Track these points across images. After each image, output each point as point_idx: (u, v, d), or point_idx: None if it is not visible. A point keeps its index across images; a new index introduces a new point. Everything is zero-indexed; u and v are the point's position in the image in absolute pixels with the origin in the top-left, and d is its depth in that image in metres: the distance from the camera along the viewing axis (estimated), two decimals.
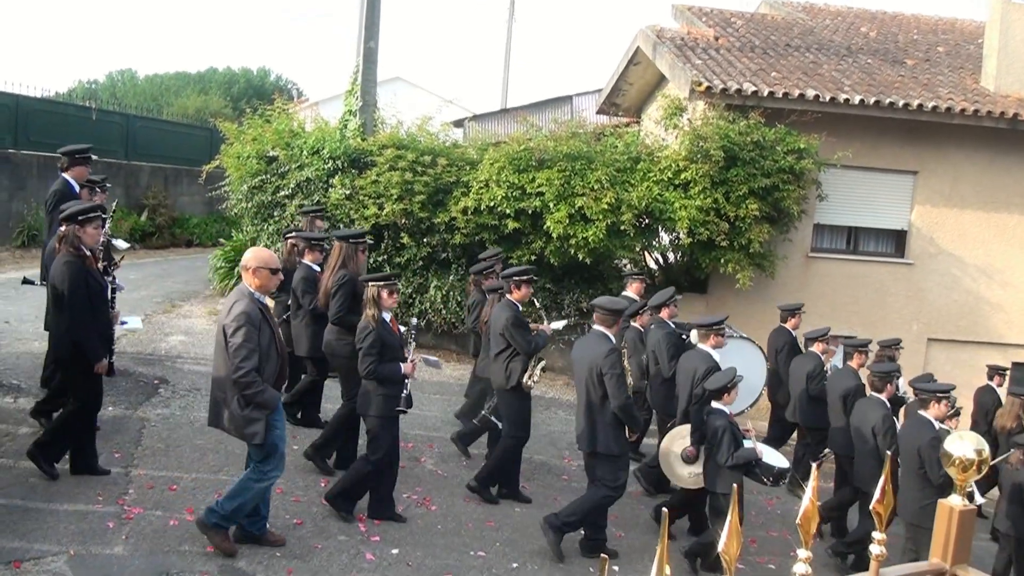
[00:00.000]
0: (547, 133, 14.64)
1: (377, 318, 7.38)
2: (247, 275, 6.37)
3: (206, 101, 42.73)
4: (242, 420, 6.20)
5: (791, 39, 17.70)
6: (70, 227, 7.07)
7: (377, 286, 7.44)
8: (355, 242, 8.86)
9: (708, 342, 8.84)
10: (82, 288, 6.98)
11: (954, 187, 15.44)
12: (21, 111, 19.19)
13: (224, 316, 6.26)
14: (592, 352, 7.70)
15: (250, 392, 6.13)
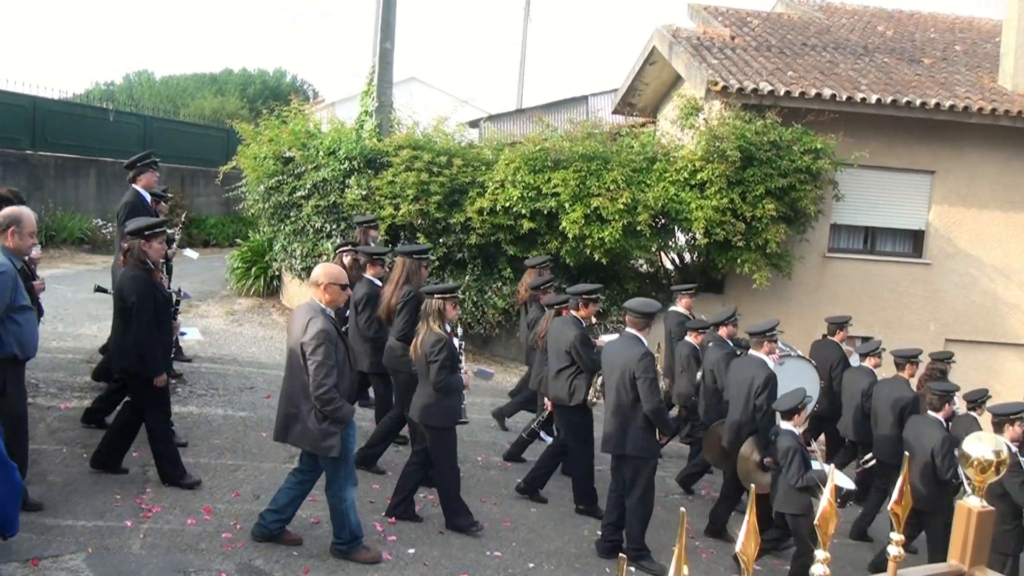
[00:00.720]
0: (563, 133, 14.64)
1: (444, 329, 7.45)
2: (318, 291, 6.46)
3: (223, 102, 42.83)
4: (319, 434, 6.32)
5: (807, 38, 17.65)
6: (135, 242, 7.16)
7: (442, 299, 7.49)
8: (418, 257, 8.89)
9: (762, 349, 8.78)
10: (148, 301, 7.09)
11: (971, 187, 15.37)
12: (38, 112, 19.30)
13: (300, 333, 6.32)
14: (625, 355, 7.69)
15: (330, 408, 6.24)
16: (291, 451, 8.69)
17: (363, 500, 7.83)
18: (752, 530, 2.05)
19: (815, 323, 14.58)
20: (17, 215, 6.39)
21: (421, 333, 7.50)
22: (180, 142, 24.70)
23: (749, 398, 8.48)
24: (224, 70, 54.67)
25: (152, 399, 7.30)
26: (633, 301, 8.18)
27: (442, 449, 7.57)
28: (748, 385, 8.52)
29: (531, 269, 11.14)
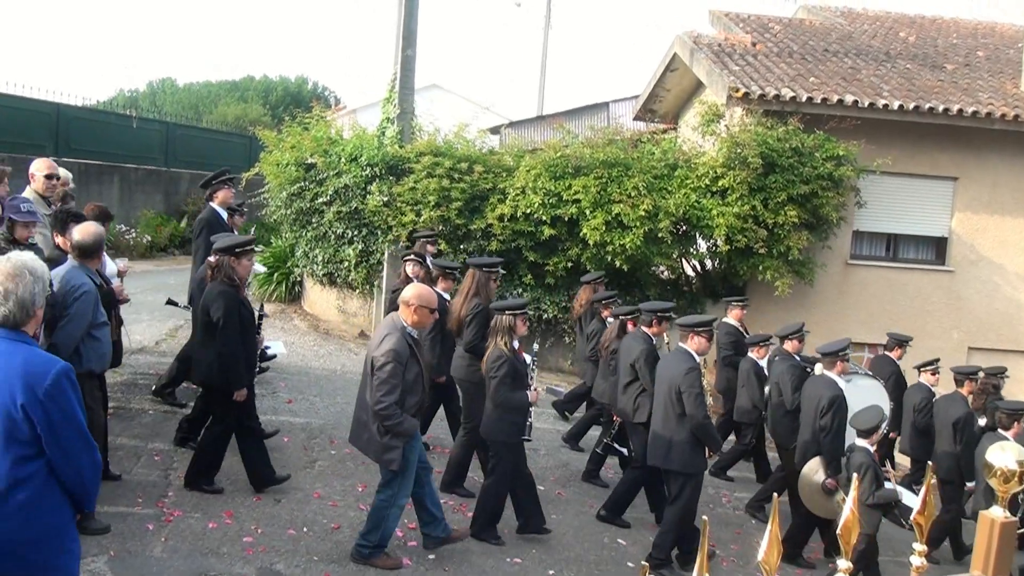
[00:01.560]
0: (583, 140, 14.64)
1: (509, 346, 7.50)
2: (406, 310, 6.56)
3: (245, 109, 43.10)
4: (381, 447, 6.46)
5: (829, 44, 17.60)
6: (225, 258, 7.29)
7: (512, 315, 7.56)
8: (488, 270, 8.96)
9: (834, 369, 8.72)
10: (235, 317, 7.22)
11: (994, 193, 15.27)
12: (62, 119, 19.46)
13: (374, 347, 6.46)
14: (673, 369, 7.76)
15: (389, 423, 6.36)
16: (312, 456, 8.75)
17: None
18: (774, 539, 2.05)
19: (838, 331, 14.51)
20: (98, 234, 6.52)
21: (490, 348, 7.61)
22: (202, 149, 24.85)
23: (815, 418, 8.48)
24: (246, 77, 55.03)
25: (228, 412, 7.43)
26: (686, 317, 8.30)
27: (502, 463, 7.63)
28: (815, 405, 8.51)
29: (587, 285, 11.36)
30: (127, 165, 20.69)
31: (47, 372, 3.72)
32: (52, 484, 3.80)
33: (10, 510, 3.71)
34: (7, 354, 3.75)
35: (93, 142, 20.22)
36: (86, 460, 3.87)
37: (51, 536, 3.82)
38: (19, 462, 3.72)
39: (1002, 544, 2.47)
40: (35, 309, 3.84)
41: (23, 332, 3.83)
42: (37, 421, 3.69)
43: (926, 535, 2.38)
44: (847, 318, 15.02)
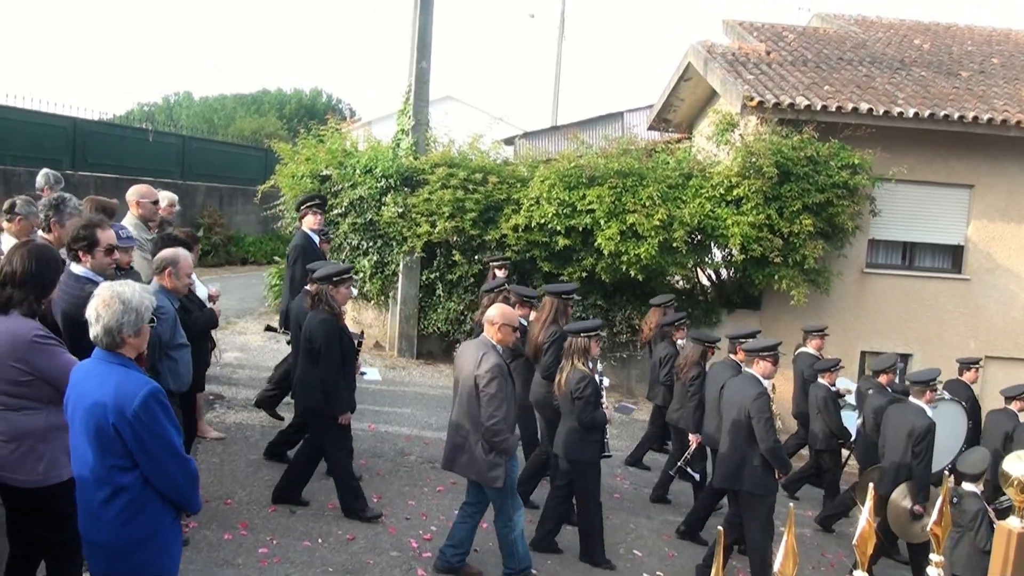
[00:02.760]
0: (598, 150, 14.64)
1: (587, 366, 7.63)
2: (491, 329, 6.81)
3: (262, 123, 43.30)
4: (485, 465, 6.62)
5: (844, 52, 17.57)
6: (324, 287, 7.46)
7: (587, 337, 7.70)
8: (566, 297, 9.06)
9: (923, 398, 8.84)
10: (336, 344, 7.38)
11: (1011, 201, 15.19)
12: (79, 133, 19.58)
13: (474, 367, 6.63)
14: (742, 395, 7.85)
15: (497, 439, 6.53)
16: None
17: (399, 516, 7.85)
18: (790, 550, 2.05)
19: (854, 340, 14.52)
20: (174, 257, 6.65)
21: (565, 370, 7.72)
22: (218, 162, 24.96)
23: (908, 446, 8.54)
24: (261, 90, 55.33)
25: (333, 436, 7.56)
26: (751, 342, 8.39)
27: (586, 483, 7.72)
28: (907, 433, 8.57)
29: (656, 308, 11.40)
30: (143, 178, 20.73)
31: (136, 394, 3.97)
32: (149, 492, 4.09)
33: (110, 515, 4.04)
34: (102, 375, 4.04)
35: (109, 156, 20.33)
36: (178, 473, 4.13)
37: (151, 539, 4.13)
38: (116, 472, 4.02)
39: (1020, 554, 2.45)
40: (123, 336, 4.07)
41: (120, 355, 4.10)
42: (127, 439, 3.97)
43: (943, 545, 2.37)
44: (863, 327, 14.96)
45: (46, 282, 4.70)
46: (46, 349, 4.55)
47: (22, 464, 4.56)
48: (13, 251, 4.75)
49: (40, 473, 4.56)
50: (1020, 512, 2.49)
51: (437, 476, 9.06)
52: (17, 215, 6.86)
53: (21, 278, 4.59)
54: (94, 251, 5.61)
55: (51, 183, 9.52)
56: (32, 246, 4.80)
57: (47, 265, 4.72)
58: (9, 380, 4.49)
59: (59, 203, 6.51)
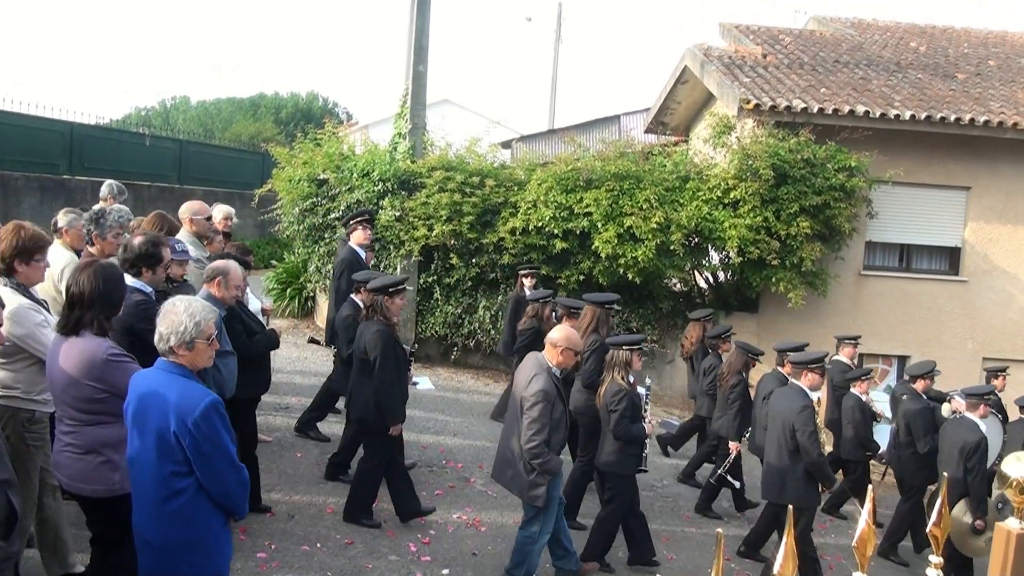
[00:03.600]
0: (595, 153, 14.64)
1: (626, 380, 7.66)
2: (553, 351, 6.81)
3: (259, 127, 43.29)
4: (527, 484, 6.68)
5: (840, 55, 17.59)
6: (378, 298, 7.54)
7: (629, 350, 7.71)
8: (608, 307, 9.10)
9: (976, 412, 8.85)
10: (391, 355, 7.43)
11: (1008, 203, 15.22)
12: (75, 138, 19.54)
13: (523, 387, 6.69)
14: (786, 407, 7.91)
15: (537, 462, 6.57)
16: (323, 470, 8.73)
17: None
18: (790, 552, 2.05)
19: None
20: (225, 268, 6.77)
21: (605, 383, 7.74)
22: (215, 166, 24.92)
23: (960, 461, 8.54)
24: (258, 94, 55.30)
25: (383, 446, 7.60)
26: (796, 355, 8.44)
27: (620, 496, 7.74)
28: (959, 449, 8.58)
29: (696, 322, 11.47)
30: (140, 183, 20.74)
31: (197, 404, 4.18)
32: (202, 496, 4.29)
33: (166, 516, 4.25)
34: (164, 385, 4.26)
35: (106, 160, 20.27)
36: (232, 480, 4.34)
37: (203, 540, 4.34)
38: (173, 477, 4.22)
39: (1019, 555, 2.45)
40: (176, 346, 4.30)
41: (181, 365, 4.33)
42: (186, 447, 4.18)
43: (941, 547, 2.37)
44: (861, 329, 14.94)
45: (113, 301, 4.84)
46: (120, 366, 4.70)
47: (97, 475, 4.74)
48: (79, 271, 4.86)
49: (116, 483, 4.74)
50: (1019, 513, 2.50)
51: (435, 480, 9.07)
52: (62, 228, 6.99)
53: (89, 299, 4.72)
54: (156, 268, 5.83)
55: (114, 193, 9.86)
56: (97, 266, 4.91)
57: (114, 284, 4.86)
58: (85, 397, 4.67)
59: (99, 217, 6.74)
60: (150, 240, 5.91)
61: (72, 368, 4.68)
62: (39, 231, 5.33)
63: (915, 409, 9.66)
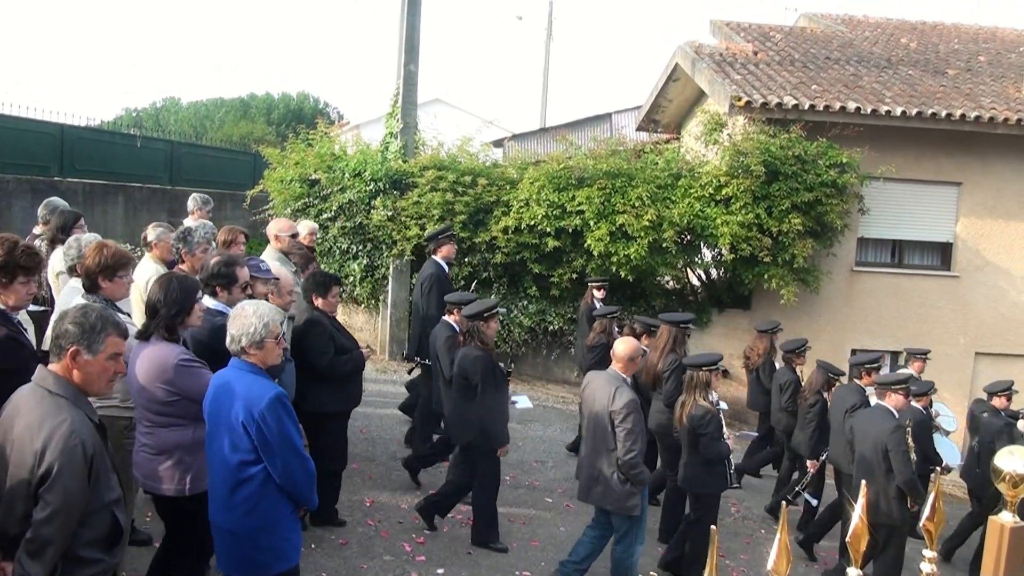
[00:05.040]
0: (586, 151, 14.64)
1: (708, 401, 7.69)
2: (621, 364, 6.97)
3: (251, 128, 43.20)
4: (622, 495, 6.79)
5: (831, 52, 17.61)
6: (474, 324, 7.60)
7: (708, 371, 7.73)
8: (684, 327, 9.15)
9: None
10: (491, 379, 7.51)
11: (999, 198, 15.26)
12: (66, 140, 19.46)
13: (608, 402, 6.75)
14: (877, 427, 8.03)
15: (634, 472, 6.70)
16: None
17: (392, 520, 7.85)
18: (783, 548, 2.05)
19: (844, 338, 14.54)
20: (276, 275, 6.89)
21: (687, 405, 7.73)
22: (207, 167, 24.84)
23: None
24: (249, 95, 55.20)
25: (487, 467, 7.69)
26: (883, 375, 8.64)
27: (704, 514, 7.78)
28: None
29: (764, 334, 11.44)
30: (132, 184, 20.69)
31: (263, 397, 4.49)
32: (271, 485, 4.56)
33: (237, 503, 4.55)
34: (236, 380, 4.59)
35: (97, 162, 20.20)
36: (297, 469, 4.60)
37: (272, 526, 4.62)
38: (242, 466, 4.52)
39: (1012, 550, 2.45)
40: (245, 345, 4.62)
41: (250, 363, 4.64)
42: (254, 436, 4.48)
43: (935, 542, 2.37)
44: (853, 326, 15.00)
45: (181, 308, 4.99)
46: (190, 371, 4.90)
47: (170, 475, 4.96)
48: (154, 282, 5.17)
49: (187, 483, 4.96)
50: (1012, 507, 2.50)
51: (429, 480, 9.06)
52: (151, 242, 7.31)
53: (154, 307, 4.97)
54: (231, 288, 5.93)
55: (199, 205, 10.25)
56: (164, 276, 5.18)
57: (182, 293, 5.02)
58: (157, 400, 4.89)
59: (186, 235, 7.04)
60: (223, 260, 6.04)
61: (145, 372, 4.91)
62: (121, 249, 5.53)
63: (997, 426, 9.73)
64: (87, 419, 3.66)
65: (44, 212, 8.28)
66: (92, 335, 3.71)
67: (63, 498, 3.44)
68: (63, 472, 3.45)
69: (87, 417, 3.67)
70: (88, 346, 3.70)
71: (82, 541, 3.58)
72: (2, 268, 4.76)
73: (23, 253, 4.84)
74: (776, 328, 11.47)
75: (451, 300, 8.71)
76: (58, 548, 3.48)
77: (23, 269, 4.84)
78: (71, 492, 3.47)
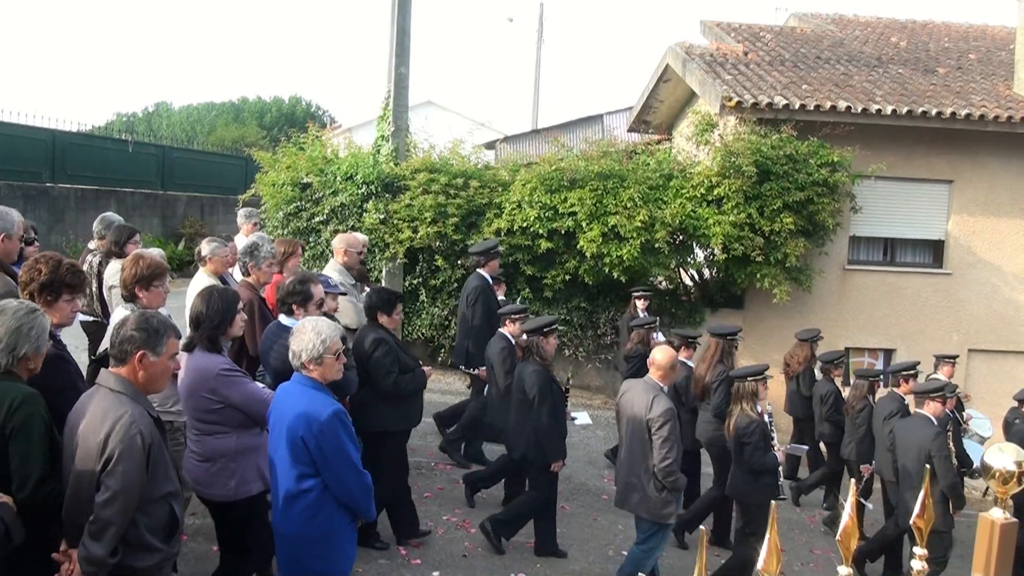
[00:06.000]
0: (578, 153, 14.64)
1: (755, 411, 7.76)
2: (662, 371, 7.04)
3: (243, 131, 43.13)
4: (659, 503, 6.87)
5: (821, 51, 17.65)
6: (533, 339, 7.69)
7: (755, 381, 7.79)
8: (731, 338, 9.22)
9: None
10: (548, 394, 7.54)
11: (990, 195, 15.29)
12: (58, 145, 19.46)
13: (645, 410, 6.83)
14: (920, 435, 8.16)
15: (670, 480, 6.80)
16: None
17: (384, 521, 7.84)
18: (773, 548, 2.05)
19: (837, 337, 14.56)
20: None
21: (735, 414, 7.81)
22: (198, 171, 24.87)
23: None
24: (240, 98, 55.12)
25: (543, 482, 7.75)
26: (920, 383, 8.71)
27: (752, 524, 7.79)
28: None
29: (803, 343, 11.51)
30: (124, 189, 20.71)
31: (323, 412, 4.67)
32: (328, 497, 4.77)
33: (295, 512, 4.76)
34: (296, 395, 4.79)
35: (89, 167, 20.21)
36: (354, 482, 4.79)
37: (328, 536, 4.82)
38: (301, 478, 4.73)
39: (1003, 546, 2.46)
40: (307, 362, 4.79)
41: (311, 378, 4.81)
42: (312, 450, 4.67)
43: (926, 538, 2.37)
44: (846, 324, 15.02)
45: (223, 320, 5.25)
46: (232, 380, 5.17)
47: (217, 480, 5.20)
48: (196, 295, 5.43)
49: (232, 488, 5.20)
50: (1003, 503, 2.51)
51: (424, 482, 9.06)
52: (206, 257, 7.49)
53: (197, 319, 5.23)
54: (307, 305, 6.14)
55: (248, 217, 10.68)
56: (205, 290, 5.44)
57: (221, 304, 5.28)
58: (202, 408, 5.14)
59: (254, 249, 7.27)
60: (298, 278, 6.32)
61: (191, 382, 5.20)
62: (157, 260, 5.72)
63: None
64: (146, 413, 3.98)
65: (99, 227, 8.54)
66: (156, 338, 4.05)
67: (122, 482, 3.75)
68: (122, 458, 3.76)
69: (146, 411, 3.99)
70: (153, 348, 4.03)
71: (141, 528, 3.89)
72: (47, 286, 4.79)
73: (68, 271, 4.90)
74: (816, 336, 11.54)
75: (505, 312, 8.84)
76: (118, 530, 3.77)
77: (68, 287, 4.88)
78: (129, 477, 3.78)
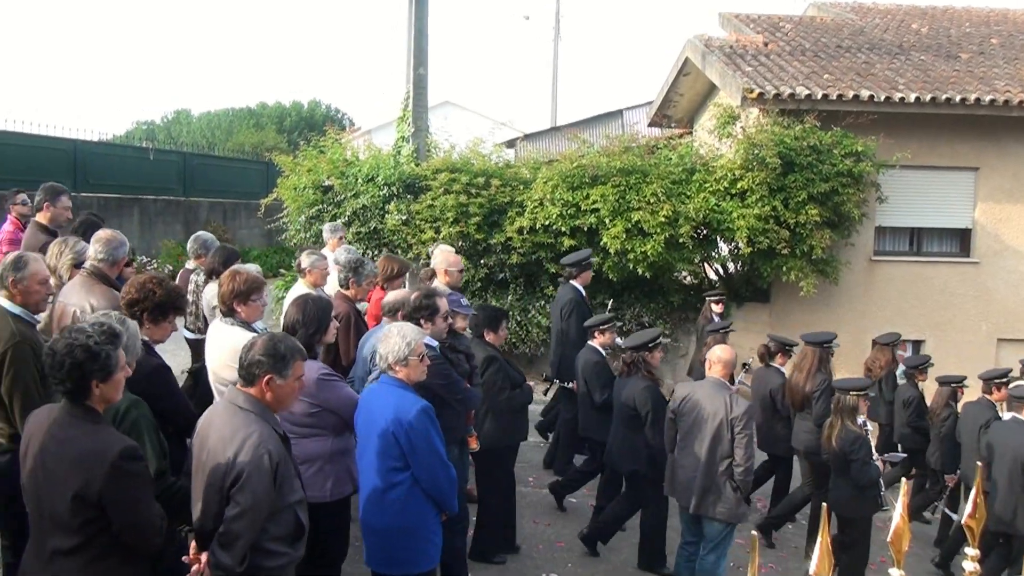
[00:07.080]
0: (599, 149, 14.58)
1: (857, 425, 7.71)
2: (725, 365, 7.12)
3: (262, 136, 43.29)
4: (736, 503, 6.85)
5: (841, 40, 17.51)
6: (639, 354, 7.69)
7: (857, 396, 7.75)
8: (827, 346, 9.17)
9: None
10: (661, 410, 7.53)
11: (1016, 182, 15.12)
12: (79, 155, 19.56)
13: (723, 409, 6.81)
14: (1016, 440, 8.05)
15: (750, 478, 6.92)
16: None
17: None
18: (826, 551, 2.00)
19: (864, 328, 14.44)
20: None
21: (835, 428, 7.75)
22: (220, 177, 24.94)
23: None
24: (259, 104, 55.33)
25: (651, 497, 7.72)
26: (1018, 387, 8.54)
27: (855, 538, 7.79)
28: None
29: (884, 347, 11.37)
30: (146, 197, 20.79)
31: (412, 409, 4.95)
32: (416, 490, 5.01)
33: (385, 505, 5.00)
34: (385, 395, 5.07)
35: (111, 176, 20.30)
36: (441, 475, 5.06)
37: (417, 527, 5.07)
38: (391, 471, 4.98)
39: None
40: (393, 364, 5.08)
41: (398, 379, 5.09)
42: (402, 444, 4.92)
43: (977, 539, 2.31)
44: (874, 315, 14.89)
45: (318, 328, 5.42)
46: (330, 384, 5.34)
47: (313, 482, 5.25)
48: (291, 304, 5.63)
49: (328, 490, 5.34)
50: None
51: None
52: (305, 269, 7.77)
53: (291, 327, 5.37)
54: (434, 318, 6.28)
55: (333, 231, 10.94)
56: (300, 298, 5.62)
57: (316, 312, 5.45)
58: (300, 412, 5.24)
59: (358, 266, 7.48)
60: (423, 293, 6.46)
61: None
62: (253, 275, 5.83)
63: None
64: (272, 431, 4.11)
65: (195, 246, 8.85)
66: (283, 363, 4.18)
67: (251, 499, 3.90)
68: (251, 477, 3.91)
69: (272, 429, 4.13)
70: (280, 372, 4.16)
71: (269, 536, 4.06)
72: (160, 307, 4.99)
73: (178, 295, 5.22)
74: (897, 340, 11.40)
75: (592, 324, 8.76)
76: (247, 542, 3.92)
77: (176, 310, 5.15)
78: (258, 494, 3.92)
